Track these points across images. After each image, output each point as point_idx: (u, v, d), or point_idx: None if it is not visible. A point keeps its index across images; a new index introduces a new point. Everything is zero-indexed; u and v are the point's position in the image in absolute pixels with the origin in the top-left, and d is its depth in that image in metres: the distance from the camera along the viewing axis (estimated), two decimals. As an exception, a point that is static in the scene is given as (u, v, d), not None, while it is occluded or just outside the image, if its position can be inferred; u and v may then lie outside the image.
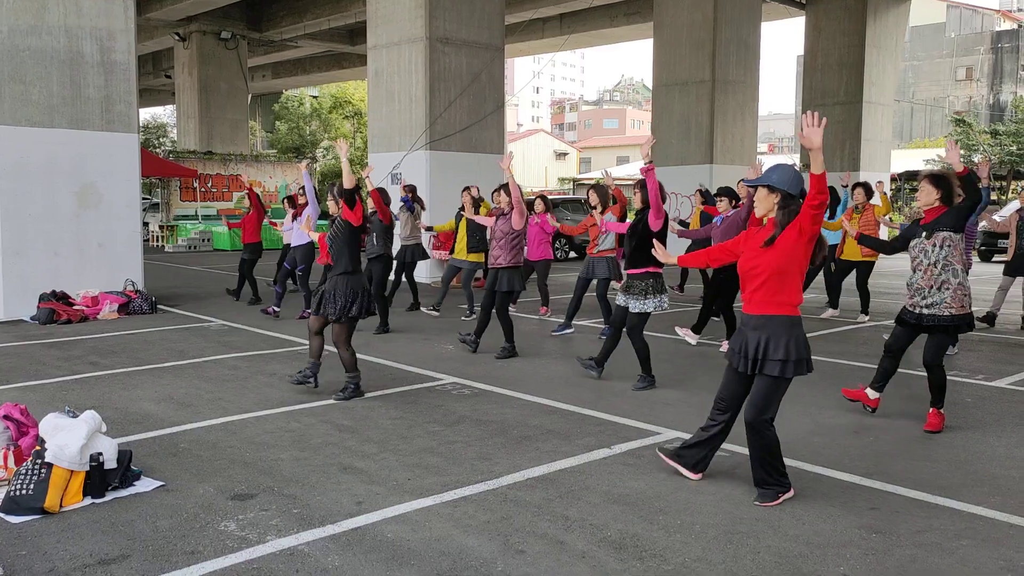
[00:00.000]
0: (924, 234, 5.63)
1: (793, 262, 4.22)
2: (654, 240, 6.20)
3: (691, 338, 9.13)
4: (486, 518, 4.13)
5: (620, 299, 6.96)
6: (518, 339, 8.80)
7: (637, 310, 6.82)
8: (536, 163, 66.88)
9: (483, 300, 8.46)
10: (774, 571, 3.58)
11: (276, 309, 10.84)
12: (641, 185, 6.90)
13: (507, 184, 8.43)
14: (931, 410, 5.78)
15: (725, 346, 9.15)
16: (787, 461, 4.94)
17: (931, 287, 5.58)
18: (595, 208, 9.78)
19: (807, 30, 24.36)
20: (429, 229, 12.29)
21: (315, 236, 9.16)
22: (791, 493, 4.40)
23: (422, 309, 11.32)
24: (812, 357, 4.37)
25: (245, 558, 3.68)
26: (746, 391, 4.44)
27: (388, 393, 6.74)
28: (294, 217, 11.25)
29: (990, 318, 10.41)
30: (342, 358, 6.53)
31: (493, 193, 8.76)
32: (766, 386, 4.29)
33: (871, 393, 6.06)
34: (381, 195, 9.75)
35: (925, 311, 5.64)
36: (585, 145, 77.80)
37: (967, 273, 6.63)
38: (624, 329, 7.02)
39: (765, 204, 4.33)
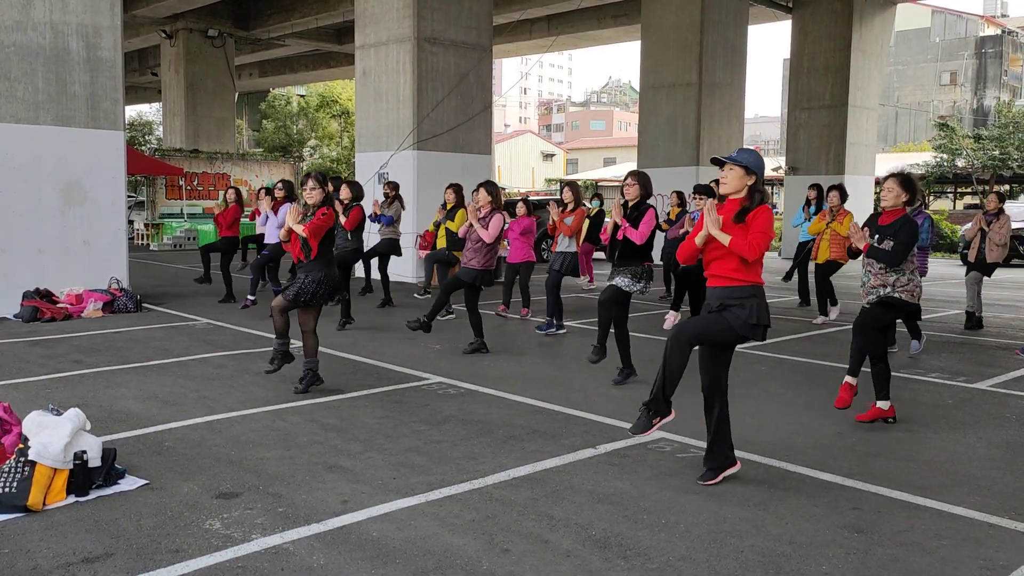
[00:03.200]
0: (877, 237, 5.75)
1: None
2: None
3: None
4: (471, 517, 4.14)
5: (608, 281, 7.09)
6: (505, 340, 8.82)
7: (624, 288, 6.91)
8: (523, 164, 66.95)
9: (466, 299, 8.43)
10: (757, 570, 3.61)
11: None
12: (639, 177, 6.98)
13: (489, 182, 8.52)
14: (844, 381, 5.86)
15: (669, 321, 9.20)
16: (771, 461, 5.00)
17: (883, 286, 5.79)
18: (568, 204, 9.90)
19: (793, 34, 24.48)
20: (437, 225, 12.10)
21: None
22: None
23: (415, 296, 11.27)
24: (795, 358, 4.42)
25: (230, 556, 3.67)
26: (726, 363, 4.62)
27: (374, 392, 6.74)
28: (271, 209, 11.16)
29: (977, 321, 10.51)
30: (306, 344, 6.58)
31: (473, 192, 8.73)
32: (712, 321, 4.45)
33: (883, 404, 5.96)
34: (352, 188, 9.74)
35: (875, 299, 5.84)
36: (572, 146, 77.95)
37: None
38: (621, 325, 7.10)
39: (738, 183, 4.48)
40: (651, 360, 7.96)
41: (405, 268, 14.59)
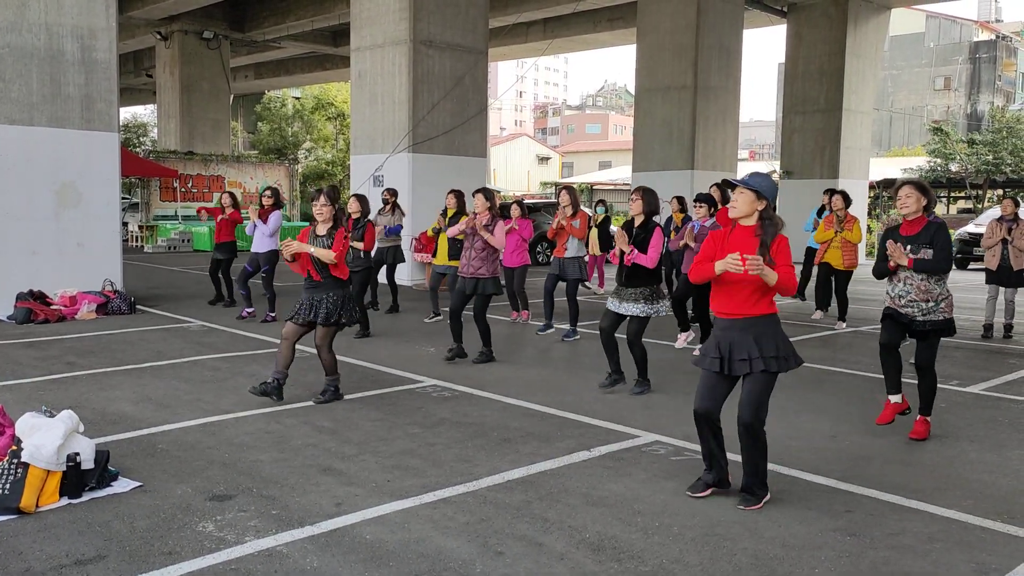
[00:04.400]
0: (909, 248, 5.64)
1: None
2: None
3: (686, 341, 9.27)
4: (465, 520, 4.14)
5: (614, 305, 6.89)
6: (498, 343, 8.82)
7: (639, 314, 6.80)
8: (519, 167, 66.99)
9: (453, 306, 8.29)
10: (750, 573, 3.61)
11: (251, 310, 10.78)
12: (643, 194, 6.90)
13: (484, 189, 8.46)
14: (919, 417, 5.81)
15: (681, 342, 9.24)
16: (764, 464, 5.01)
17: (927, 300, 5.64)
18: (566, 207, 9.91)
19: (788, 38, 24.55)
20: (437, 232, 12.02)
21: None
22: (768, 496, 4.46)
23: (425, 320, 11.20)
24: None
25: (223, 559, 3.67)
26: (726, 392, 4.47)
27: (369, 395, 6.73)
28: (259, 217, 11.12)
29: (988, 329, 10.49)
30: (323, 361, 6.46)
31: (474, 195, 8.71)
32: (760, 384, 4.31)
33: (896, 399, 5.91)
34: (361, 202, 9.67)
35: (919, 317, 5.66)
36: (568, 150, 78.02)
37: None
38: (610, 333, 7.02)
39: (748, 207, 4.37)
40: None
41: (400, 272, 14.56)
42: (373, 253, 10.72)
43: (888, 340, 5.88)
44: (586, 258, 11.11)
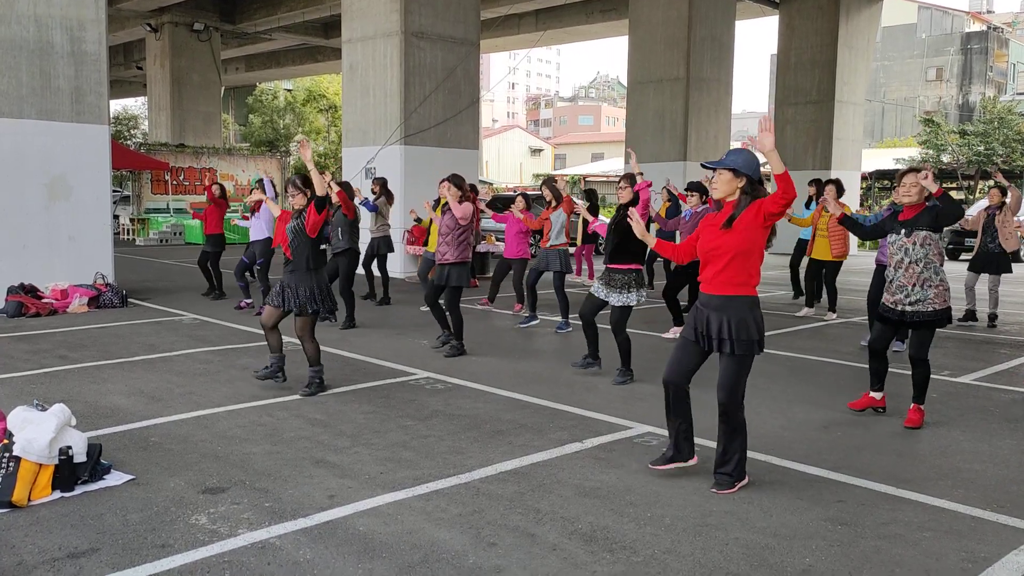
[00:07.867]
0: (904, 232, 5.67)
1: (754, 244, 4.34)
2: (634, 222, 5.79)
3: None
4: (458, 511, 4.15)
5: (599, 291, 6.96)
6: (492, 335, 8.83)
7: (620, 303, 6.87)
8: (511, 159, 66.93)
9: (427, 295, 8.32)
10: (741, 562, 3.63)
11: (248, 301, 10.81)
12: (629, 180, 7.04)
13: (454, 175, 8.24)
14: (912, 406, 5.85)
15: (671, 333, 9.27)
16: (757, 455, 5.04)
17: (914, 285, 5.63)
18: (549, 203, 10.02)
19: (780, 29, 24.54)
20: (419, 221, 12.22)
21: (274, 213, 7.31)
22: (746, 480, 4.51)
23: (420, 309, 11.26)
24: (782, 353, 4.43)
25: (216, 551, 3.67)
26: (698, 364, 4.53)
27: (361, 387, 6.73)
28: (252, 211, 11.16)
29: (971, 315, 10.62)
30: (306, 351, 6.49)
31: (441, 183, 8.58)
32: (736, 365, 4.36)
33: (876, 395, 6.08)
34: (344, 189, 9.72)
35: (908, 308, 5.67)
36: (560, 141, 77.98)
37: None
38: (590, 319, 7.10)
39: (728, 187, 4.39)
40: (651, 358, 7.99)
41: (393, 264, 14.57)
42: (367, 245, 10.72)
43: (875, 343, 6.01)
44: (571, 249, 11.17)
